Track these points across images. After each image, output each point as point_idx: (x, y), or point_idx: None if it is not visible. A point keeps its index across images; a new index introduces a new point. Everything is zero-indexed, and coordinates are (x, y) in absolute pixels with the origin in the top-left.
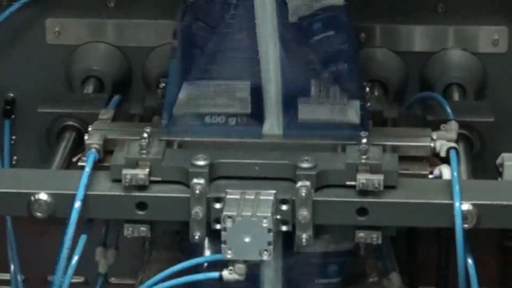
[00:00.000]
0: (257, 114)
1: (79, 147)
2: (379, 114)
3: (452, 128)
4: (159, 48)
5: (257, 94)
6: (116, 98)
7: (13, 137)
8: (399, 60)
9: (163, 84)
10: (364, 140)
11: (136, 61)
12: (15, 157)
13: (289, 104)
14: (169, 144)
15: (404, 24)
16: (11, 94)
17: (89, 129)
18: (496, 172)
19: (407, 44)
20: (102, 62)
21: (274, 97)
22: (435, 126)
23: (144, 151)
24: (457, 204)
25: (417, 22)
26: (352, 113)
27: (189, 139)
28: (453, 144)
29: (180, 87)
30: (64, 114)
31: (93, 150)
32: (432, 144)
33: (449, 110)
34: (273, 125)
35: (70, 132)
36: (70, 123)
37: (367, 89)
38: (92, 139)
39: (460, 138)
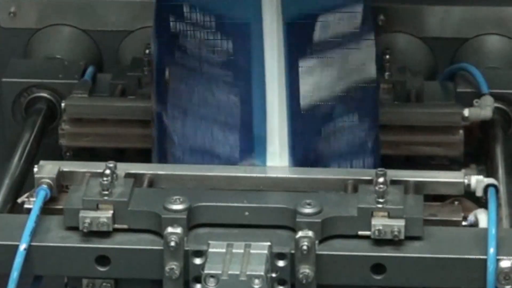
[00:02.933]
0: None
1: (51, 122)
2: (402, 84)
3: (486, 104)
4: (135, 32)
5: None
6: (91, 68)
7: None
8: (425, 48)
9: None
10: (381, 179)
11: (107, 48)
12: None
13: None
14: (138, 179)
15: (431, 5)
16: None
17: (62, 104)
18: None
19: (434, 29)
20: (67, 49)
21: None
22: (467, 100)
23: (107, 192)
24: (491, 260)
25: (447, 3)
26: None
27: (163, 172)
28: (492, 181)
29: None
30: (34, 84)
31: (44, 186)
32: (466, 181)
33: (483, 82)
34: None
35: (41, 106)
36: (41, 94)
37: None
38: (43, 172)
39: (497, 113)
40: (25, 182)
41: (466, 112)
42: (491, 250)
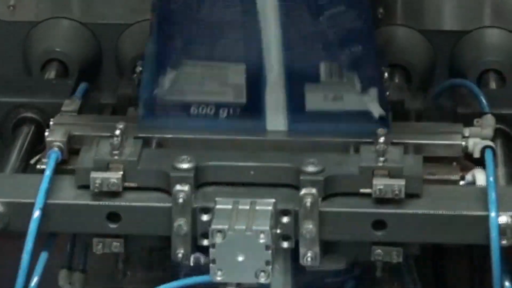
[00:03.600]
0: (254, 104)
1: (38, 144)
2: (400, 104)
3: (488, 124)
4: (135, 25)
5: (254, 80)
6: (83, 85)
7: None
8: (424, 41)
9: (140, 68)
10: (382, 139)
11: (107, 41)
12: None
13: (294, 92)
14: (146, 142)
15: None
16: None
17: (51, 123)
18: None
19: (434, 21)
20: (66, 42)
21: (276, 83)
22: (468, 121)
23: (117, 152)
24: (493, 215)
25: None
26: (369, 103)
27: (170, 136)
28: (489, 143)
29: (159, 71)
30: (21, 104)
31: (55, 149)
32: (463, 143)
33: (484, 101)
34: (275, 118)
35: (28, 126)
36: (28, 115)
37: (386, 75)
38: (54, 136)
39: (498, 135)
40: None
41: (466, 132)
42: (492, 214)
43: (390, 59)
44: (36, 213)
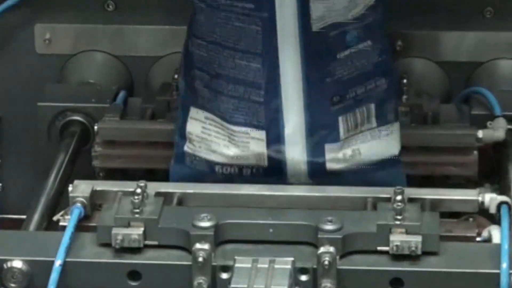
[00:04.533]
0: (276, 165)
1: (85, 144)
2: (419, 107)
3: (499, 126)
4: (165, 58)
5: (275, 139)
6: (123, 93)
7: None
8: (441, 72)
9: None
10: (399, 197)
11: (137, 73)
12: (0, 184)
13: (314, 150)
14: (167, 198)
15: (446, 30)
16: None
17: (95, 127)
18: None
19: (450, 53)
20: (99, 74)
21: (295, 141)
22: (481, 122)
23: (138, 210)
24: (504, 274)
25: (462, 28)
26: (388, 138)
27: (192, 191)
28: (505, 198)
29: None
30: (69, 108)
31: (78, 205)
32: (480, 198)
33: (496, 104)
34: (295, 174)
35: (75, 128)
36: (75, 118)
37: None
38: (77, 191)
39: (510, 135)
40: (60, 201)
41: (480, 133)
42: (504, 265)
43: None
44: (56, 271)
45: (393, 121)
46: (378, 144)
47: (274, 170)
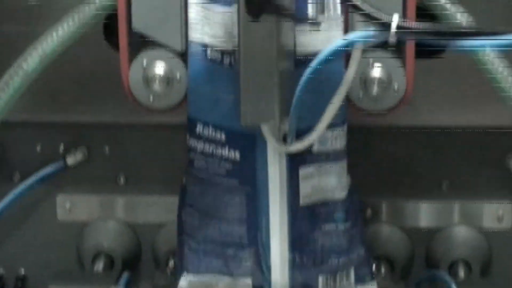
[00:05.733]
0: None
1: None
2: None
3: None
4: (169, 225)
5: None
6: (125, 276)
7: None
8: (405, 237)
9: (172, 263)
10: None
11: (145, 238)
12: None
13: None
14: None
15: (409, 200)
16: (22, 272)
17: None
18: None
19: (412, 220)
20: (113, 239)
21: None
22: None
23: None
24: None
25: (422, 198)
26: None
27: None
28: None
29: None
30: None
31: None
32: None
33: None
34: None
35: None
36: None
37: (374, 266)
38: None
39: None
40: None
41: None
42: None
43: (376, 253)
44: None
45: (369, 281)
46: None
47: None
